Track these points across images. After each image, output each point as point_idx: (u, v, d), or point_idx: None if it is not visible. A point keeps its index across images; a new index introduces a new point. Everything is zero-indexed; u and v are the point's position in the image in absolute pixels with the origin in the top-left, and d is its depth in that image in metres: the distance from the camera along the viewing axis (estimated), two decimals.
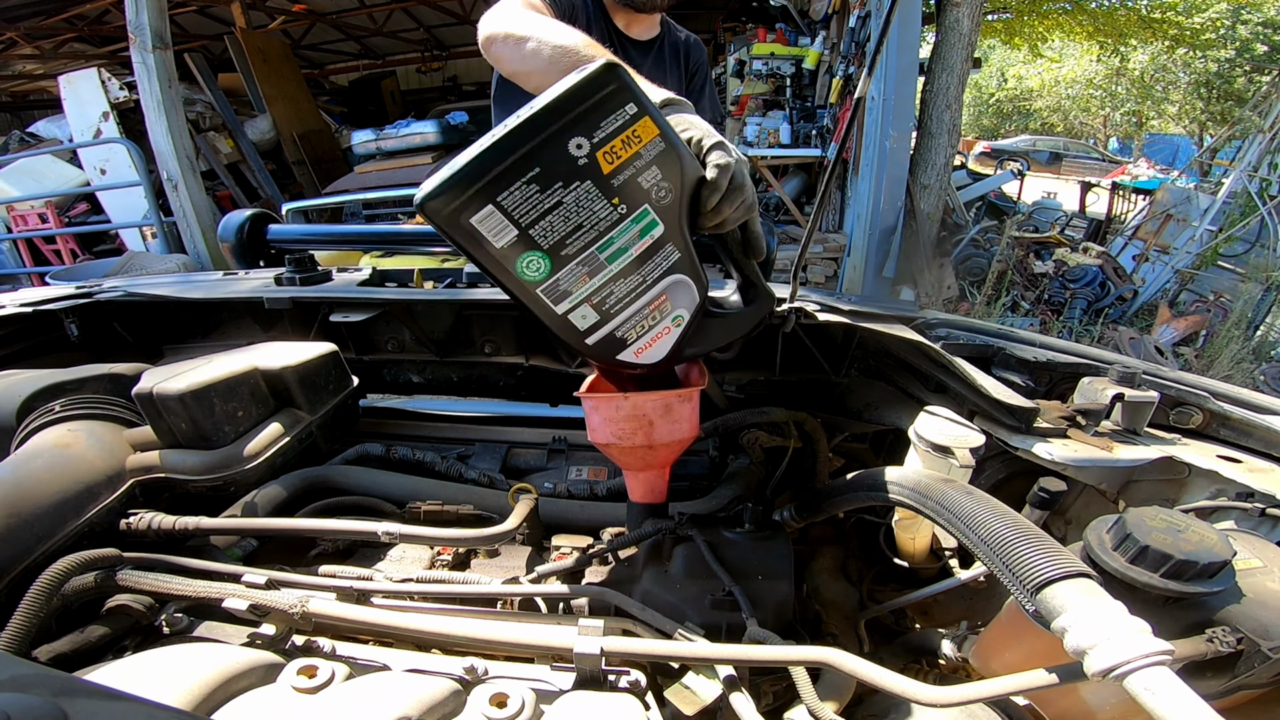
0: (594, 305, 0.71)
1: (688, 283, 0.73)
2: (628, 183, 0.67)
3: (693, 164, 0.69)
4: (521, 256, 0.66)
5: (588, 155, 0.64)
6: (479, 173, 0.63)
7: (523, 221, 0.65)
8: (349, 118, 9.22)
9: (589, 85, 0.63)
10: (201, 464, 0.83)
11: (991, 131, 21.97)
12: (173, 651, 0.60)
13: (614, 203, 0.67)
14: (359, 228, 3.33)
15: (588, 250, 0.68)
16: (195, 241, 5.56)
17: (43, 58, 7.88)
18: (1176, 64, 14.26)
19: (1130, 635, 0.48)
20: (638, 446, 0.81)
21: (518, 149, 0.63)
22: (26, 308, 1.20)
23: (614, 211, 0.67)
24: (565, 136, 0.63)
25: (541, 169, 0.64)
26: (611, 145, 0.64)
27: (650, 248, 0.70)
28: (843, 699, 0.69)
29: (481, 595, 0.80)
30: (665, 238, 0.70)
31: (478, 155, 0.63)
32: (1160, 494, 0.86)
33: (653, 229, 0.69)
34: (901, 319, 1.09)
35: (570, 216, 0.66)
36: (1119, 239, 6.82)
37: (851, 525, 1.15)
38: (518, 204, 0.64)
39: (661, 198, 0.68)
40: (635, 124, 0.65)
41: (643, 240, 0.69)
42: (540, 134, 0.63)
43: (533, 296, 0.69)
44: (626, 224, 0.68)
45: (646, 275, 0.71)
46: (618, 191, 0.66)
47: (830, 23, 5.54)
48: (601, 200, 0.66)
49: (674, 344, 0.75)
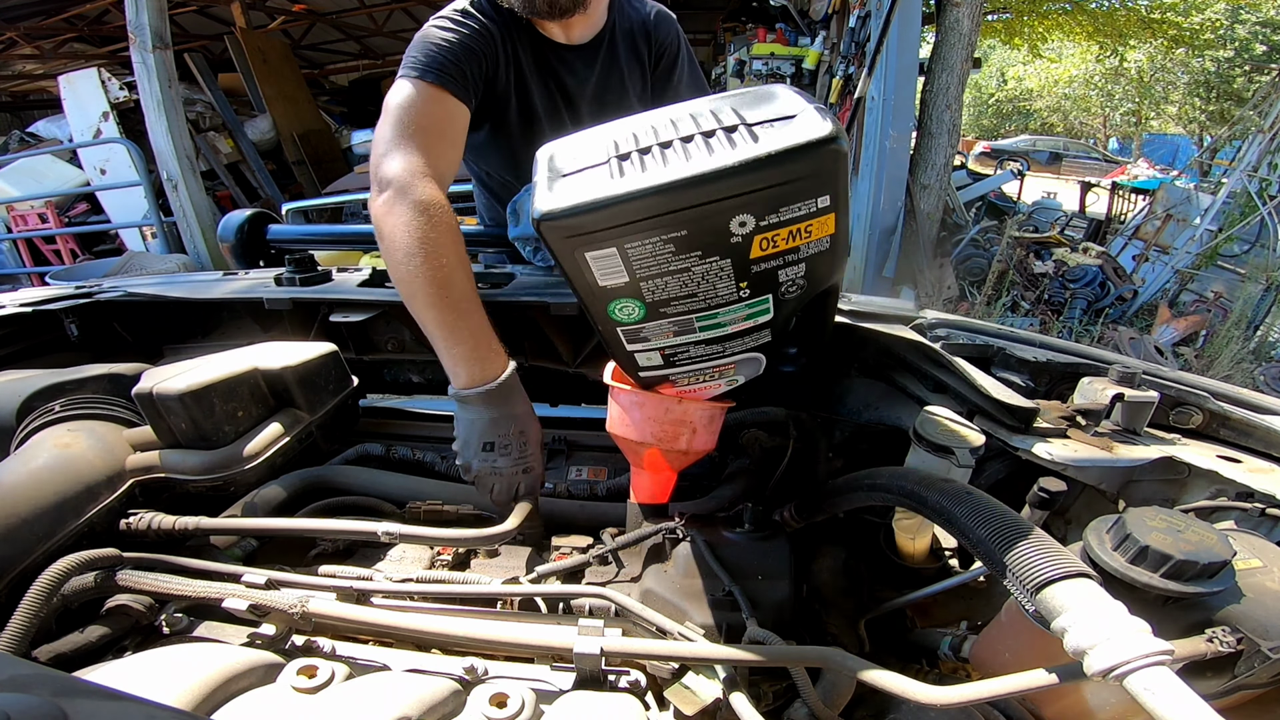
0: (664, 354, 0.67)
1: (760, 360, 0.70)
2: (767, 273, 0.58)
3: (842, 265, 0.62)
4: (618, 300, 0.60)
5: (745, 236, 0.54)
6: (619, 214, 0.53)
7: (639, 273, 0.57)
8: (349, 118, 9.22)
9: (800, 160, 0.50)
10: (201, 464, 0.83)
11: (991, 131, 21.97)
12: (173, 651, 0.60)
13: (741, 285, 0.59)
14: (359, 228, 3.32)
15: (687, 315, 0.61)
16: (195, 241, 5.56)
17: (43, 58, 7.88)
18: (1175, 64, 14.26)
19: (1130, 635, 0.48)
20: (675, 451, 0.81)
21: (675, 206, 0.53)
22: (26, 308, 1.20)
23: (736, 294, 0.59)
24: (734, 212, 0.53)
25: (689, 233, 0.54)
26: (775, 233, 0.54)
27: (749, 330, 0.64)
28: (843, 699, 0.68)
29: (481, 595, 0.80)
30: (769, 325, 0.64)
31: (627, 194, 0.53)
32: (1160, 494, 0.86)
33: (762, 315, 0.62)
34: (901, 319, 1.09)
35: (689, 284, 0.58)
36: (1119, 239, 6.82)
37: (851, 525, 1.15)
38: (644, 256, 0.56)
39: (790, 292, 0.60)
40: (816, 218, 0.54)
41: (746, 322, 0.63)
42: (709, 199, 0.52)
43: (610, 331, 0.64)
44: (740, 306, 0.61)
45: (729, 349, 0.66)
46: (751, 278, 0.58)
47: (830, 23, 5.54)
48: (729, 281, 0.58)
49: (716, 396, 0.76)
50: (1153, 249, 6.24)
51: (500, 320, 1.32)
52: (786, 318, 0.64)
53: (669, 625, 0.70)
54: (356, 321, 1.21)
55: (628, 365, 0.71)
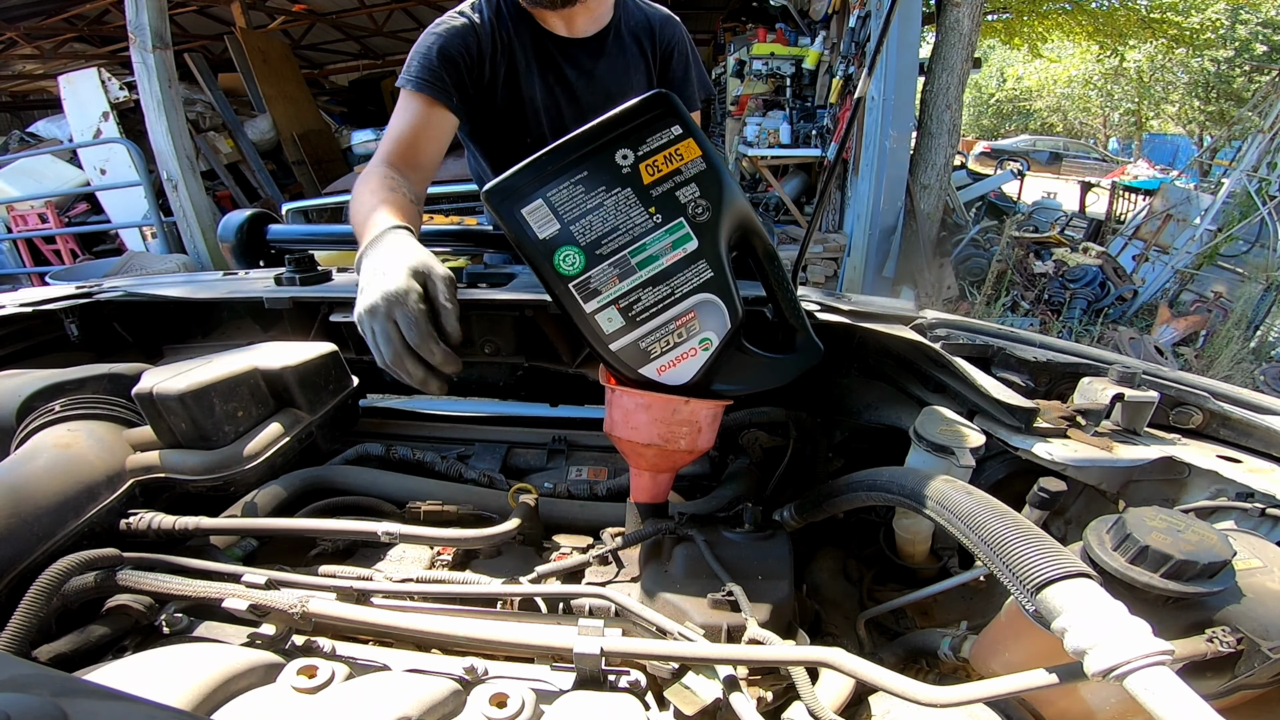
0: (621, 309, 0.74)
1: (718, 305, 0.75)
2: (666, 195, 0.72)
3: (734, 189, 0.73)
4: (560, 249, 0.72)
5: (631, 165, 0.71)
6: (535, 170, 0.71)
7: (566, 217, 0.72)
8: (349, 118, 9.22)
9: (640, 107, 0.70)
10: (201, 464, 0.83)
11: (991, 131, 21.98)
12: (173, 651, 0.60)
13: (650, 211, 0.72)
14: None
15: (620, 253, 0.72)
16: (195, 241, 5.56)
17: (43, 58, 7.88)
18: (1175, 64, 14.27)
19: (1130, 635, 0.48)
20: (679, 451, 0.81)
21: (570, 154, 0.71)
22: (26, 308, 1.20)
23: (649, 219, 0.72)
24: (613, 148, 0.71)
25: (589, 172, 0.71)
26: (654, 159, 0.71)
27: (681, 261, 0.73)
28: (843, 699, 0.68)
29: (481, 595, 0.80)
30: (698, 254, 0.74)
31: (537, 157, 0.71)
32: (1160, 494, 0.86)
33: (686, 243, 0.73)
34: (901, 319, 1.09)
35: (608, 218, 0.72)
36: (1119, 239, 6.83)
37: (851, 525, 1.15)
38: (564, 200, 0.71)
39: (698, 214, 0.73)
40: (679, 143, 0.71)
41: (675, 252, 0.73)
42: (592, 144, 0.71)
43: (565, 291, 0.73)
44: (660, 233, 0.73)
45: (675, 288, 0.74)
46: (655, 201, 0.72)
47: (830, 23, 5.54)
48: (639, 207, 0.72)
49: (700, 368, 0.77)
50: (1153, 249, 6.24)
51: (500, 320, 1.32)
52: (714, 250, 0.74)
53: (669, 625, 0.70)
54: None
55: (595, 338, 0.75)
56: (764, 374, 0.80)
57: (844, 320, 1.04)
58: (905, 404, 1.09)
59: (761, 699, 0.67)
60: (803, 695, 0.63)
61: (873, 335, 1.04)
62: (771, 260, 0.80)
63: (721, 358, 0.77)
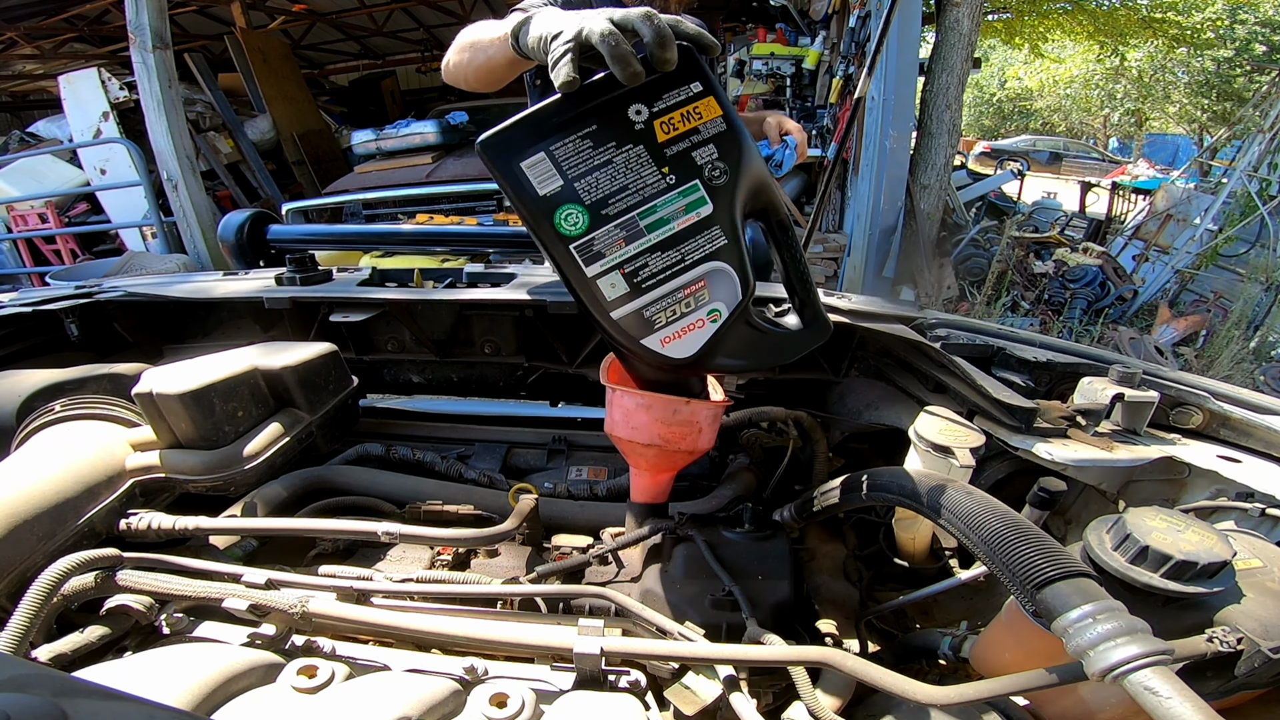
0: (625, 275, 0.69)
1: (730, 274, 0.70)
2: (681, 155, 0.66)
3: (754, 153, 0.68)
4: (562, 208, 0.66)
5: (645, 122, 0.65)
6: (537, 121, 0.65)
7: (570, 173, 0.65)
8: (349, 118, 9.21)
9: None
10: (201, 464, 0.83)
11: (992, 131, 21.97)
12: (173, 651, 0.60)
13: (664, 171, 0.66)
14: (359, 228, 3.33)
15: (629, 214, 0.67)
16: (195, 241, 5.56)
17: (43, 58, 7.88)
18: (1176, 64, 14.27)
19: (1130, 635, 0.48)
20: (680, 451, 0.81)
21: (579, 105, 0.64)
22: (26, 308, 1.20)
23: (662, 180, 0.67)
24: (626, 101, 0.64)
25: (598, 126, 0.65)
26: (670, 116, 0.65)
27: (694, 226, 0.68)
28: (843, 699, 0.68)
29: (481, 595, 0.80)
30: (712, 219, 0.68)
31: (541, 106, 0.65)
32: (1160, 494, 0.86)
33: (700, 206, 0.68)
34: (901, 319, 1.09)
35: (617, 176, 0.66)
36: (1119, 239, 6.83)
37: (851, 525, 1.15)
38: (569, 155, 0.65)
39: (715, 177, 0.67)
40: (698, 101, 0.65)
41: (688, 216, 0.68)
42: (602, 95, 0.64)
43: (565, 253, 0.67)
44: (673, 195, 0.67)
45: (686, 254, 0.69)
46: (669, 161, 0.66)
47: (830, 23, 5.53)
48: (651, 167, 0.66)
49: (706, 341, 0.71)
50: (1153, 249, 6.24)
51: (500, 320, 1.32)
52: (729, 216, 0.68)
53: (669, 625, 0.70)
54: (356, 321, 1.21)
55: (596, 306, 0.69)
56: (769, 350, 0.75)
57: (844, 320, 1.04)
58: (905, 404, 1.09)
59: (761, 699, 0.68)
60: (803, 695, 0.63)
61: (873, 335, 1.04)
62: (785, 231, 0.75)
63: (730, 331, 0.72)
